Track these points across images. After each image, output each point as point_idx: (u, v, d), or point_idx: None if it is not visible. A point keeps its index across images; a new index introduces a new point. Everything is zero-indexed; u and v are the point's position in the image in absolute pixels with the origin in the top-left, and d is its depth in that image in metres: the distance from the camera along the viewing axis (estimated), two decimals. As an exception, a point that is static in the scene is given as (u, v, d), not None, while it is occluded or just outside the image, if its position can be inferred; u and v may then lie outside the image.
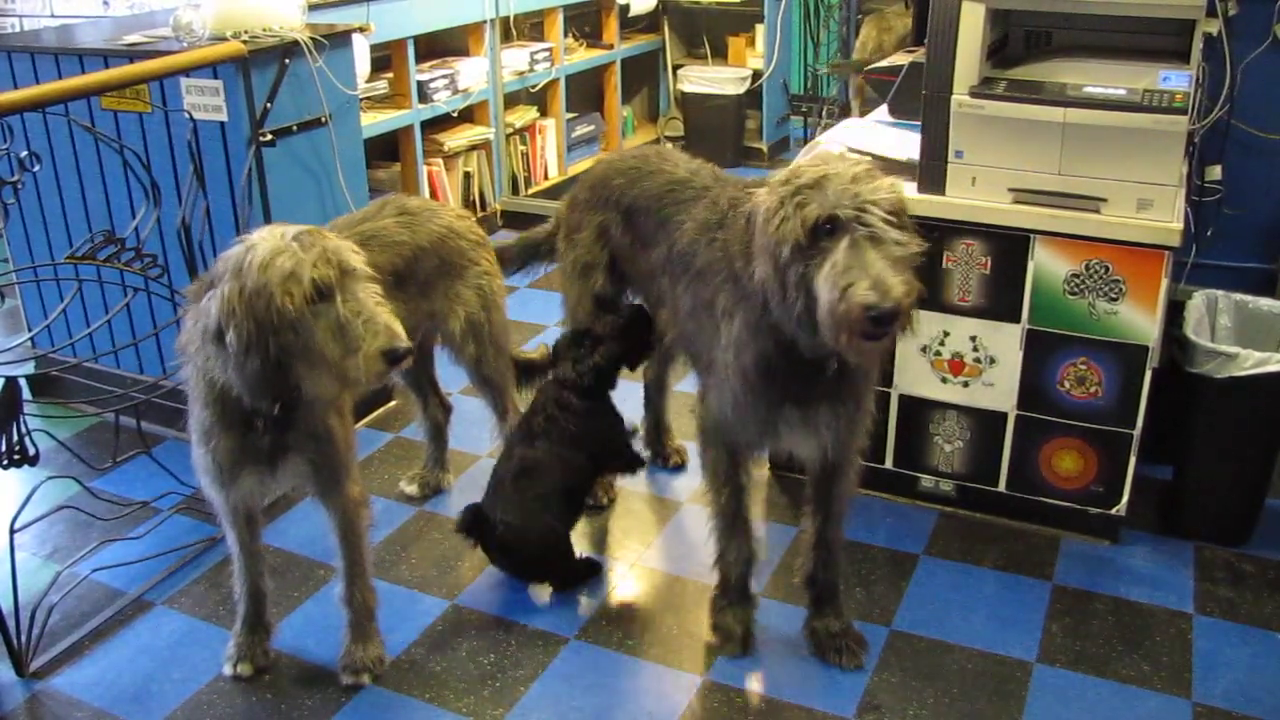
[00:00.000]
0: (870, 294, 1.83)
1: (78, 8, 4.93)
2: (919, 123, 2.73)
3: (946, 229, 2.74)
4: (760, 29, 6.32)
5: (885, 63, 3.82)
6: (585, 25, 6.17)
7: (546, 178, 5.71)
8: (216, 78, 2.98)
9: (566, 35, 5.78)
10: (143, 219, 2.77)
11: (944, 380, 2.88)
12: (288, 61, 3.09)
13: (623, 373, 2.82)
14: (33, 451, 2.42)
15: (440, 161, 4.96)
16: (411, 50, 4.64)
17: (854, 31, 5.31)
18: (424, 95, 4.75)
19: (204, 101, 3.02)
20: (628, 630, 2.60)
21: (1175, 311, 2.82)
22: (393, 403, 3.65)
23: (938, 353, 2.86)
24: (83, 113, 3.08)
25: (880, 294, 1.82)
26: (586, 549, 2.91)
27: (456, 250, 2.75)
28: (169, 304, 3.03)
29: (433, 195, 4.91)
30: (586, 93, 6.25)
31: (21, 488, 2.63)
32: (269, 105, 3.07)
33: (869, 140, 3.02)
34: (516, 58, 5.37)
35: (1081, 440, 2.78)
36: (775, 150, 6.38)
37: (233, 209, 3.07)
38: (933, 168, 2.71)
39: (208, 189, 2.92)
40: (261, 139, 3.04)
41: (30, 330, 3.59)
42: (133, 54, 3.06)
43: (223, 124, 3.04)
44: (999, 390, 2.83)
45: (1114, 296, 2.63)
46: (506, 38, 5.34)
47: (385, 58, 4.65)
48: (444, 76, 4.87)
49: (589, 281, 2.84)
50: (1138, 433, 2.72)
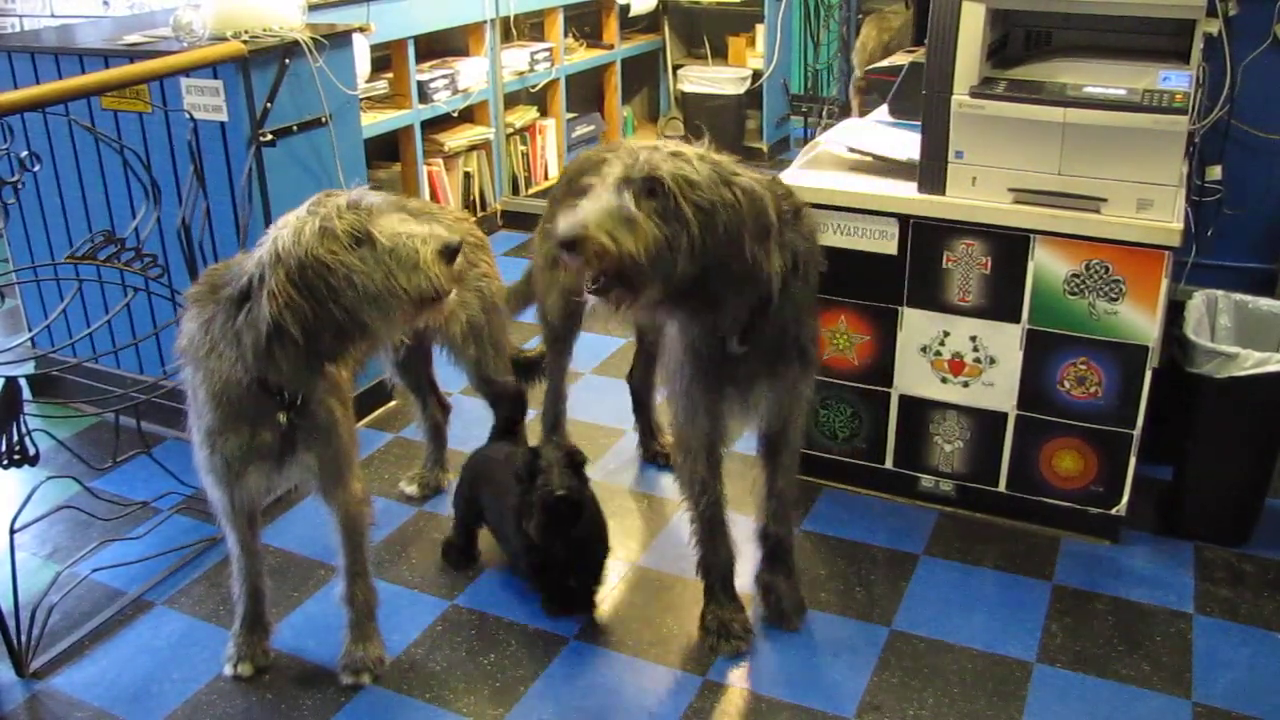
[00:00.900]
0: (561, 224, 2.00)
1: (78, 8, 4.93)
2: (919, 123, 2.73)
3: (947, 229, 2.74)
4: (760, 29, 6.32)
5: (885, 63, 3.82)
6: (585, 25, 6.17)
7: (547, 178, 5.71)
8: (216, 78, 2.98)
9: (567, 35, 5.78)
10: (143, 219, 2.77)
11: (944, 380, 2.88)
12: (288, 61, 3.09)
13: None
14: (33, 451, 2.41)
15: (440, 161, 4.96)
16: (411, 50, 4.64)
17: (854, 31, 5.31)
18: (424, 95, 4.75)
19: (204, 101, 3.02)
20: (628, 630, 2.60)
21: (1175, 311, 2.82)
22: (392, 403, 3.65)
23: (938, 353, 2.86)
24: (83, 113, 3.08)
25: (567, 226, 1.98)
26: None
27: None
28: (169, 304, 3.03)
29: (433, 195, 4.91)
30: (587, 93, 6.25)
31: (21, 488, 2.63)
32: (269, 105, 3.07)
33: (869, 140, 3.02)
34: (517, 58, 5.36)
35: (1081, 440, 2.78)
36: (775, 150, 6.38)
37: (233, 209, 3.07)
38: (933, 168, 2.71)
39: (208, 189, 2.92)
40: (262, 139, 3.04)
41: (30, 330, 3.59)
42: (133, 54, 3.05)
43: (223, 124, 3.04)
44: (999, 390, 2.83)
45: (1114, 296, 2.63)
46: (506, 38, 5.34)
47: (385, 58, 4.65)
48: (444, 76, 4.87)
49: (557, 273, 2.89)
50: (1138, 433, 2.72)
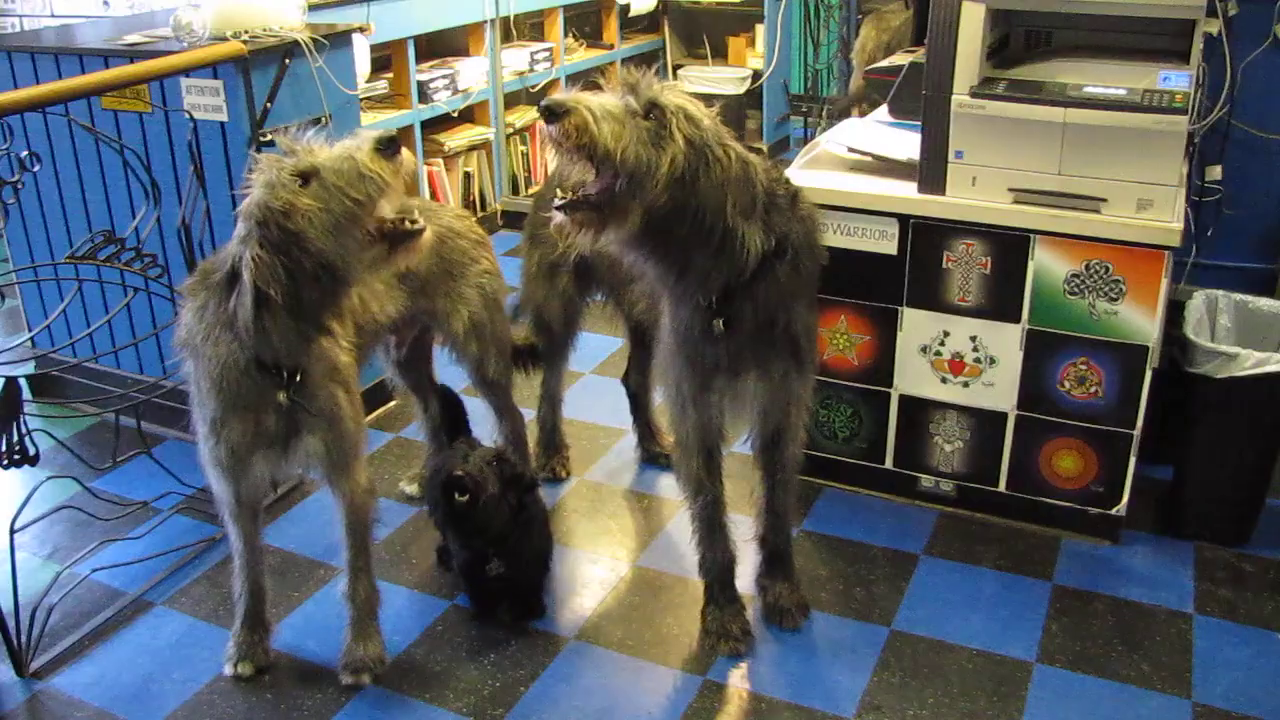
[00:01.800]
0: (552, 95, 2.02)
1: (78, 8, 4.93)
2: (919, 123, 2.73)
3: (947, 229, 2.74)
4: (760, 29, 6.31)
5: (885, 63, 3.81)
6: (585, 25, 6.17)
7: (546, 178, 5.70)
8: (217, 78, 2.98)
9: (566, 35, 5.78)
10: (143, 219, 2.77)
11: (944, 380, 2.88)
12: (288, 61, 3.09)
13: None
14: (33, 451, 2.42)
15: (440, 161, 4.96)
16: (411, 50, 4.64)
17: (854, 31, 5.30)
18: (424, 95, 4.75)
19: (204, 101, 3.02)
20: (628, 630, 2.60)
21: (1175, 311, 2.82)
22: (393, 403, 3.65)
23: (938, 353, 2.86)
24: (83, 113, 3.08)
25: (557, 96, 2.00)
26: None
27: (457, 250, 2.75)
28: (169, 304, 3.03)
29: (433, 195, 4.91)
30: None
31: (21, 488, 2.63)
32: (269, 105, 3.07)
33: (869, 140, 3.02)
34: (516, 58, 5.36)
35: (1081, 440, 2.78)
36: (775, 150, 6.37)
37: (233, 209, 3.06)
38: (933, 168, 2.71)
39: (208, 189, 2.92)
40: (262, 139, 3.04)
41: (30, 330, 3.59)
42: (133, 54, 3.05)
43: (223, 124, 3.04)
44: (999, 390, 2.83)
45: (1114, 296, 2.63)
46: (506, 38, 5.33)
47: (385, 58, 4.65)
48: (444, 76, 4.87)
49: (555, 281, 2.90)
50: (1138, 433, 2.72)
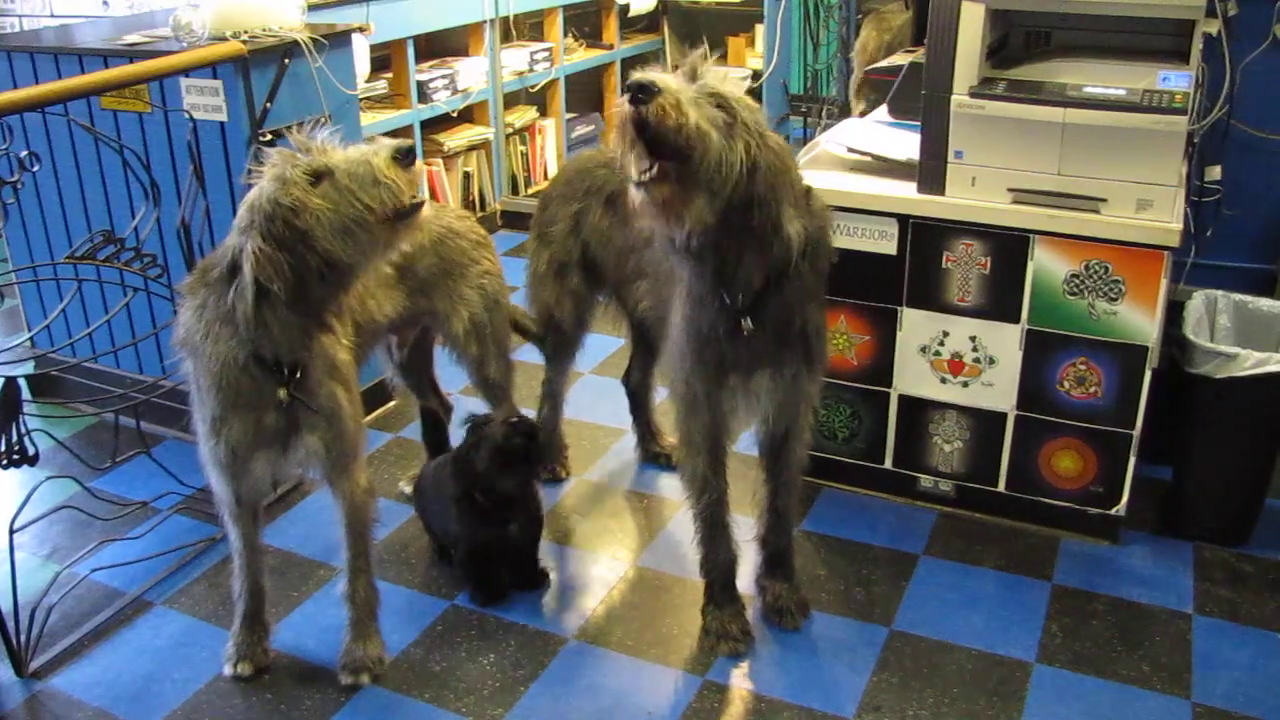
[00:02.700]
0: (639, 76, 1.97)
1: (78, 8, 4.93)
2: (919, 123, 2.73)
3: (946, 229, 2.74)
4: (760, 29, 6.31)
5: (885, 63, 3.81)
6: (585, 25, 6.17)
7: (546, 178, 5.70)
8: (216, 78, 2.98)
9: (566, 35, 5.78)
10: (143, 219, 2.77)
11: (943, 380, 2.88)
12: (287, 61, 3.09)
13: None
14: (32, 451, 2.41)
15: (440, 161, 4.96)
16: (411, 50, 4.64)
17: (854, 31, 5.30)
18: (424, 95, 4.75)
19: (204, 101, 3.02)
20: (628, 630, 2.60)
21: (1175, 311, 2.82)
22: (393, 403, 3.65)
23: (937, 353, 2.86)
24: (83, 113, 3.08)
25: (645, 75, 1.94)
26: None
27: (457, 250, 2.75)
28: (169, 304, 3.03)
29: (433, 195, 4.90)
30: (586, 93, 6.24)
31: (21, 488, 2.63)
32: (269, 105, 3.07)
33: (869, 140, 3.02)
34: (516, 58, 5.36)
35: (1081, 440, 2.78)
36: (775, 150, 6.37)
37: (232, 209, 3.04)
38: (933, 168, 2.71)
39: (208, 189, 2.92)
40: (261, 139, 3.04)
41: (30, 330, 3.59)
42: (132, 54, 3.05)
43: (223, 124, 3.04)
44: (998, 390, 2.83)
45: (1114, 296, 2.63)
46: (506, 38, 5.33)
47: (385, 58, 4.65)
48: (444, 76, 4.87)
49: (565, 281, 2.88)
50: (1137, 433, 2.72)
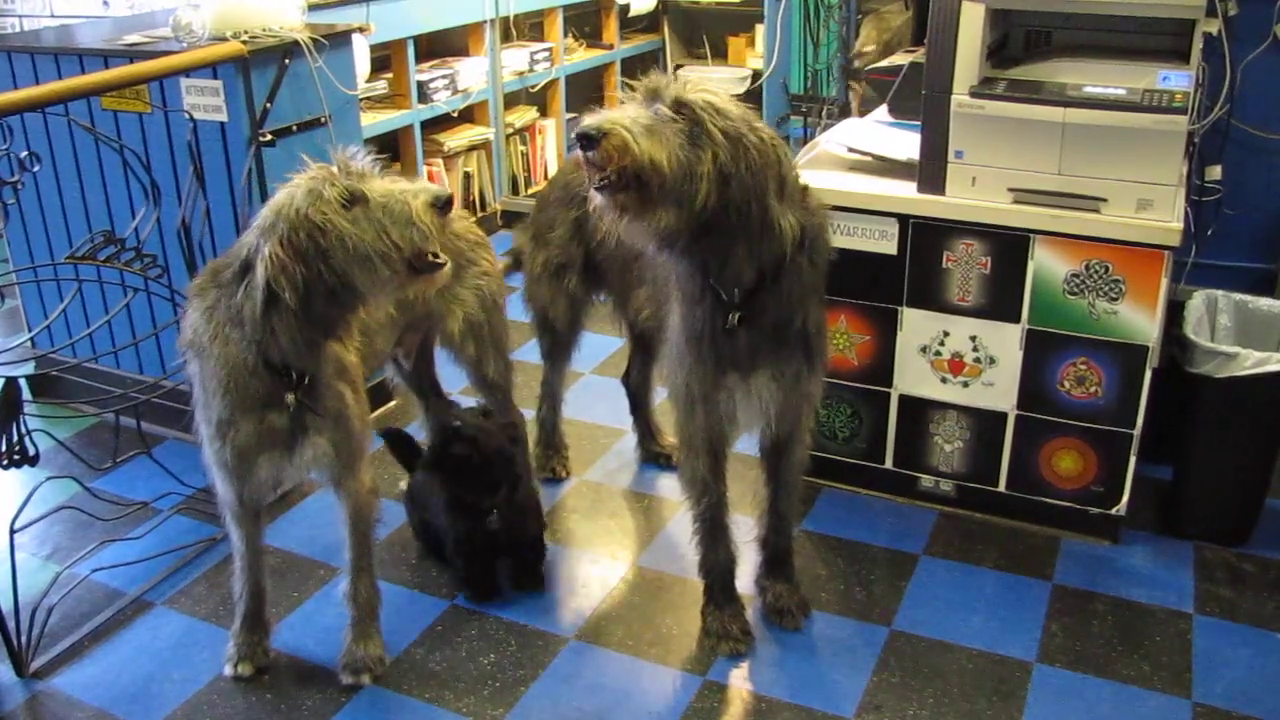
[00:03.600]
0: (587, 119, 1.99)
1: (78, 8, 4.92)
2: (919, 123, 2.73)
3: (946, 229, 2.74)
4: (760, 29, 6.31)
5: (885, 63, 3.81)
6: (585, 25, 6.17)
7: (546, 178, 5.71)
8: (216, 78, 2.98)
9: (566, 35, 5.78)
10: (143, 219, 2.77)
11: (944, 380, 2.88)
12: (288, 61, 3.09)
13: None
14: (33, 451, 2.41)
15: (440, 161, 4.96)
16: (411, 50, 4.64)
17: (854, 32, 5.30)
18: (424, 95, 4.75)
19: (204, 101, 3.02)
20: (628, 630, 2.60)
21: (1175, 311, 2.82)
22: (393, 403, 3.65)
23: (938, 353, 2.86)
24: (83, 113, 3.08)
25: (592, 120, 1.97)
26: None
27: (454, 250, 2.74)
28: (169, 304, 3.03)
29: (433, 195, 4.90)
30: (587, 93, 6.24)
31: (21, 488, 2.63)
32: (269, 105, 3.07)
33: (869, 140, 3.02)
34: (516, 58, 5.36)
35: (1081, 440, 2.78)
36: (775, 150, 6.36)
37: (233, 209, 3.07)
38: (933, 168, 2.71)
39: (208, 189, 2.92)
40: (261, 139, 3.04)
41: (30, 330, 3.59)
42: (133, 54, 3.05)
43: (223, 124, 3.04)
44: (999, 390, 2.83)
45: (1114, 296, 2.63)
46: (506, 38, 5.33)
47: (385, 58, 4.65)
48: (444, 76, 4.87)
49: (563, 282, 2.88)
50: (1138, 433, 2.72)
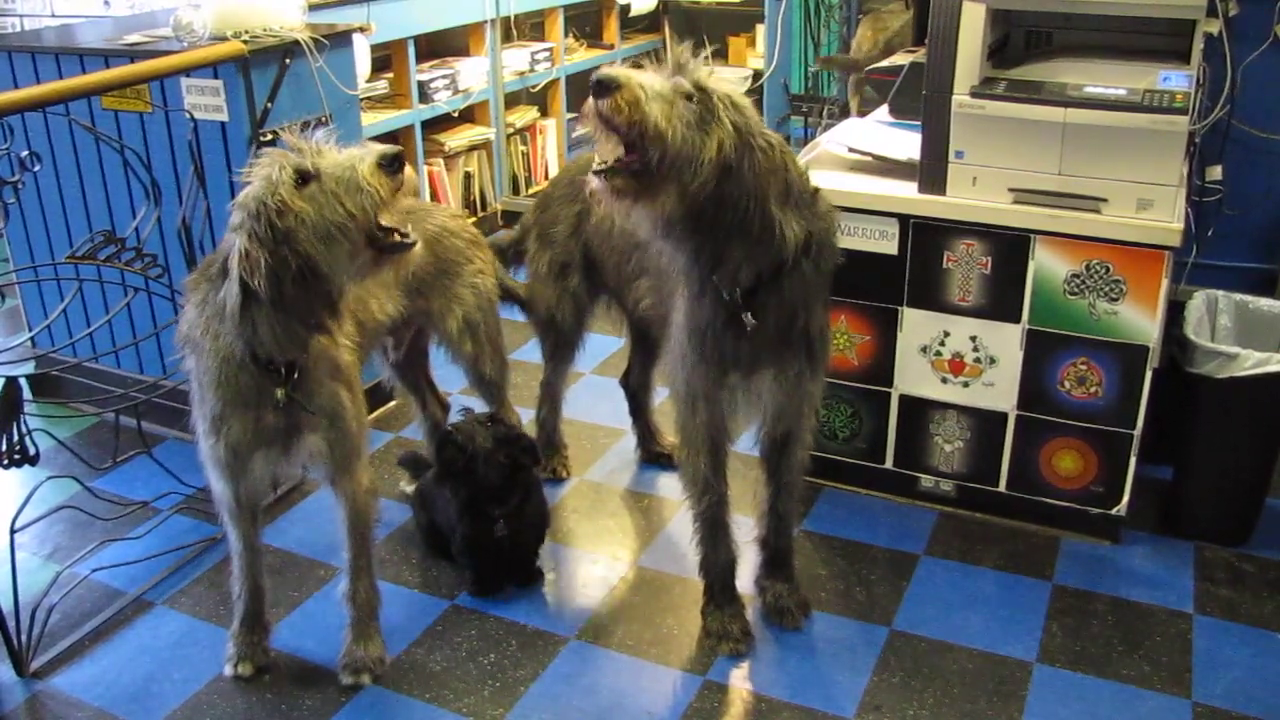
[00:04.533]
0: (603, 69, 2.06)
1: (78, 8, 4.93)
2: (919, 123, 2.73)
3: (947, 229, 2.74)
4: (760, 29, 6.32)
5: (885, 63, 3.81)
6: (586, 25, 6.17)
7: (547, 178, 5.70)
8: (217, 78, 2.98)
9: (567, 35, 5.78)
10: (143, 219, 2.77)
11: (944, 380, 2.88)
12: (288, 61, 3.09)
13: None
14: (33, 451, 2.42)
15: (440, 161, 4.96)
16: (412, 50, 4.64)
17: (854, 32, 5.30)
18: (424, 95, 4.75)
19: (204, 101, 3.02)
20: (628, 630, 2.60)
21: (1175, 311, 2.82)
22: (392, 403, 3.65)
23: (938, 353, 2.86)
24: (83, 113, 3.08)
25: (608, 71, 2.07)
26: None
27: (452, 249, 2.76)
28: (169, 304, 3.03)
29: (433, 196, 4.91)
30: (587, 93, 6.23)
31: (21, 488, 2.64)
32: (269, 105, 3.07)
33: (869, 140, 3.02)
34: (517, 58, 5.36)
35: (1082, 440, 2.78)
36: (775, 150, 6.36)
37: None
38: (933, 168, 2.71)
39: (208, 189, 2.92)
40: (262, 139, 3.04)
41: (30, 330, 3.59)
42: (133, 54, 3.05)
43: (223, 124, 3.04)
44: (999, 390, 2.83)
45: (1114, 296, 2.63)
46: (507, 38, 5.33)
47: (385, 58, 4.65)
48: (444, 76, 4.87)
49: (566, 281, 2.89)
50: (1138, 433, 2.72)
